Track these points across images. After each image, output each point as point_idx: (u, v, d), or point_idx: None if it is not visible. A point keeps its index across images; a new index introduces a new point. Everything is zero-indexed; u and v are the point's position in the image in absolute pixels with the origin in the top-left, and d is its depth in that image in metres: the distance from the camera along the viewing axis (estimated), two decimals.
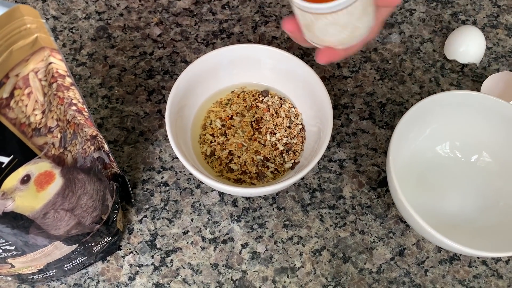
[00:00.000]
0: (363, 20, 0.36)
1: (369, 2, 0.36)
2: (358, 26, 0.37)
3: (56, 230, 0.38)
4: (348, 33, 0.37)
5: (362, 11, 0.35)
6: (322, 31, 0.37)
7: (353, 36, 0.37)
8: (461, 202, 0.51)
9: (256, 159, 0.50)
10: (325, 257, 0.49)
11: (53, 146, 0.33)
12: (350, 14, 0.35)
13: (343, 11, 0.35)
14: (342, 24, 0.36)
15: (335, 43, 0.38)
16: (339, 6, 0.34)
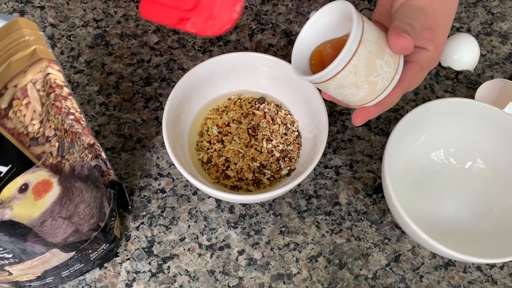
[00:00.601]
0: (377, 74, 0.35)
1: (375, 55, 0.35)
2: (374, 81, 0.36)
3: (54, 238, 0.38)
4: (367, 91, 0.36)
5: (368, 67, 0.35)
6: (340, 94, 0.37)
7: (374, 91, 0.37)
8: (455, 208, 0.51)
9: (253, 166, 0.51)
10: (321, 264, 0.49)
11: (51, 155, 0.34)
12: (354, 74, 0.35)
13: (341, 74, 0.34)
14: (352, 84, 0.35)
15: (361, 102, 0.38)
16: (327, 75, 0.35)
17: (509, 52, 0.64)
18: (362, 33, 0.34)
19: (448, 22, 0.39)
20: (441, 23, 0.38)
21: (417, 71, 0.38)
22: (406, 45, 0.34)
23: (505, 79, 0.58)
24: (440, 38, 0.39)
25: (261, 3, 0.65)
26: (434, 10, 0.38)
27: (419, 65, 0.38)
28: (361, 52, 0.34)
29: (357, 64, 0.34)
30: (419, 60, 0.38)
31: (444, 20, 0.39)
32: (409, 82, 0.38)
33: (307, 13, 0.65)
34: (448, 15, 0.39)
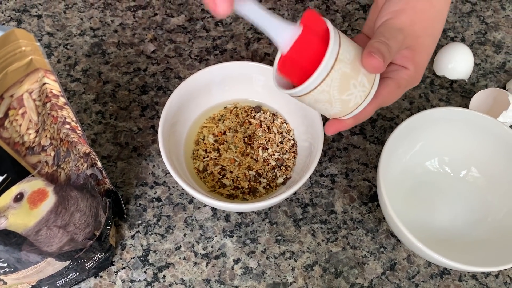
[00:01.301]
0: (350, 92, 0.36)
1: (349, 76, 0.35)
2: (347, 99, 0.36)
3: (49, 247, 0.38)
4: (340, 107, 0.37)
5: (341, 86, 0.35)
6: (315, 107, 0.38)
7: (347, 108, 0.37)
8: (450, 217, 0.51)
9: (249, 175, 0.51)
10: (317, 272, 0.49)
11: (47, 164, 0.34)
12: (327, 93, 0.35)
13: (314, 92, 0.35)
14: (326, 101, 0.36)
15: (334, 116, 0.39)
16: (301, 92, 0.35)
17: (503, 62, 0.64)
18: (337, 53, 0.34)
19: (430, 43, 0.39)
20: (422, 44, 0.39)
21: (393, 88, 0.38)
22: (376, 65, 0.34)
23: (499, 88, 0.58)
24: (421, 58, 0.39)
25: None
26: (415, 30, 0.38)
27: (397, 83, 0.38)
28: (334, 73, 0.34)
29: (330, 84, 0.35)
30: (398, 78, 0.38)
31: (426, 41, 0.39)
32: (385, 98, 0.38)
33: None
34: (431, 36, 0.39)
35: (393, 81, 0.38)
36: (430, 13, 0.38)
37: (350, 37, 0.37)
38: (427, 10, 0.38)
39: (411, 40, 0.38)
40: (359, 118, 0.39)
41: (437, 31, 0.40)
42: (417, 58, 0.38)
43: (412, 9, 0.38)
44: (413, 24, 0.38)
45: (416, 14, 0.38)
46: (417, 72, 0.39)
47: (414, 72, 0.39)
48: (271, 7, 0.67)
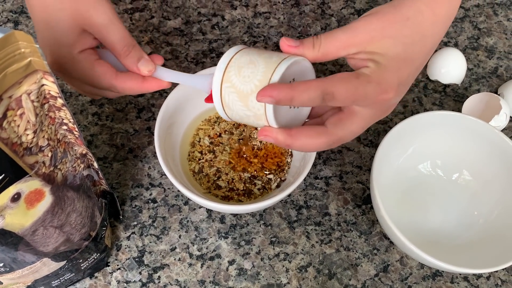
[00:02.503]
0: (254, 67, 0.35)
1: (243, 94, 0.35)
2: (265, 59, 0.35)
3: (45, 247, 0.38)
4: (261, 71, 0.35)
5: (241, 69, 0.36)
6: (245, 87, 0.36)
7: (269, 68, 0.35)
8: (442, 219, 0.52)
9: (244, 177, 0.51)
10: (310, 274, 0.50)
11: (44, 165, 0.34)
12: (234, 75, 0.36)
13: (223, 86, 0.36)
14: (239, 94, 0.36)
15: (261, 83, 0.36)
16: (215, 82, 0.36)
17: (495, 67, 0.65)
18: (244, 47, 0.37)
19: (391, 44, 0.35)
20: (381, 46, 0.35)
21: (349, 76, 0.34)
22: (286, 44, 0.35)
23: (491, 93, 0.59)
24: (383, 59, 0.35)
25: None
26: (369, 31, 0.35)
27: (355, 73, 0.34)
28: (241, 54, 0.36)
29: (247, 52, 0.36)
30: (357, 71, 0.35)
31: (384, 42, 0.35)
32: (335, 81, 0.33)
33: (299, 26, 0.67)
34: (394, 38, 0.35)
35: (350, 72, 0.35)
36: (393, 16, 0.35)
37: None
38: (389, 14, 0.35)
39: (363, 42, 0.34)
40: (298, 88, 0.33)
41: (402, 35, 0.35)
42: (377, 59, 0.35)
43: (374, 13, 0.35)
44: (367, 24, 0.35)
45: (375, 16, 0.35)
46: (380, 70, 0.34)
47: (375, 68, 0.34)
48: (267, 11, 0.67)
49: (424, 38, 0.36)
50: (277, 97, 0.32)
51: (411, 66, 0.36)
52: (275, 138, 0.35)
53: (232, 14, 0.67)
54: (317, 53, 0.35)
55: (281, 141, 0.35)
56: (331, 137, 0.36)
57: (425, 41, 0.36)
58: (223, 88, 0.36)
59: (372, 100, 0.35)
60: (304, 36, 0.66)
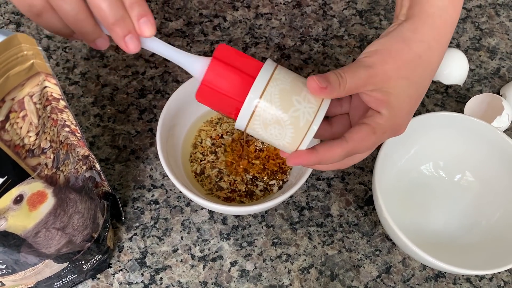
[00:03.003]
0: (296, 108, 0.34)
1: (289, 92, 0.34)
2: (295, 116, 0.34)
3: (47, 249, 0.38)
4: (292, 128, 0.35)
5: (283, 100, 0.34)
6: (269, 136, 0.36)
7: (299, 128, 0.35)
8: (445, 220, 0.52)
9: (246, 178, 0.51)
10: (313, 275, 0.50)
11: (46, 167, 0.34)
12: (269, 109, 0.34)
13: (258, 110, 0.34)
14: (274, 121, 0.35)
15: (292, 144, 0.36)
16: (245, 114, 0.34)
17: (497, 67, 0.65)
18: (273, 71, 0.34)
19: (405, 87, 0.36)
20: (395, 86, 0.35)
21: (367, 133, 0.35)
22: (314, 86, 0.33)
23: (493, 94, 0.59)
24: (398, 102, 0.36)
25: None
26: (386, 71, 0.35)
27: (371, 128, 0.35)
28: (272, 87, 0.34)
29: (270, 99, 0.34)
30: (372, 123, 0.35)
31: (399, 83, 0.35)
32: (356, 143, 0.35)
33: (300, 27, 0.67)
34: (406, 79, 0.36)
35: (367, 126, 0.35)
36: (407, 55, 0.35)
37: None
38: (403, 52, 0.35)
39: (381, 81, 0.35)
40: (324, 156, 0.35)
41: (415, 75, 0.36)
42: (392, 101, 0.35)
43: (386, 50, 0.35)
44: (384, 64, 0.35)
45: (389, 54, 0.35)
46: (394, 116, 0.36)
47: (389, 117, 0.35)
48: (268, 12, 0.67)
49: (432, 71, 0.38)
50: (307, 163, 0.36)
51: (419, 100, 0.38)
52: (308, 161, 0.36)
53: (233, 15, 0.67)
54: (342, 92, 0.34)
55: (312, 162, 0.36)
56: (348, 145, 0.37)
57: (431, 74, 0.38)
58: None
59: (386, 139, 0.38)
60: (306, 37, 0.66)
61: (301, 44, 0.65)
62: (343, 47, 0.65)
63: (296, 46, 0.65)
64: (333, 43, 0.65)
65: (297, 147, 0.36)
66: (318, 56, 0.64)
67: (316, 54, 0.64)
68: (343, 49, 0.65)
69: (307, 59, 0.64)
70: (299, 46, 0.65)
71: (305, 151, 0.35)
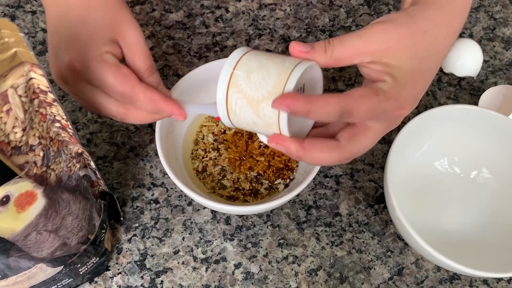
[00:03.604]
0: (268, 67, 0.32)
1: (254, 101, 0.32)
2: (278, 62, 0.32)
3: (39, 252, 0.36)
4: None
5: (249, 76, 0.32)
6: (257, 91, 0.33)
7: (284, 69, 0.32)
8: (460, 219, 0.49)
9: (250, 175, 0.49)
10: (321, 277, 0.47)
11: (35, 165, 0.32)
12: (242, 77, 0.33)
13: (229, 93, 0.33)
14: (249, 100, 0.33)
15: (277, 85, 0.33)
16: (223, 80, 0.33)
17: None
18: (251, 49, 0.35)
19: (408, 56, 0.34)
20: (396, 57, 0.33)
21: (368, 92, 0.32)
22: (297, 49, 0.32)
23: (509, 85, 0.56)
24: (399, 72, 0.33)
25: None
26: (385, 40, 0.33)
27: (373, 90, 0.33)
28: (254, 52, 0.34)
29: (253, 56, 0.33)
30: (374, 87, 0.33)
31: (401, 53, 0.33)
32: (355, 99, 0.31)
33: (306, 18, 0.64)
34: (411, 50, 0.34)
35: (368, 88, 0.33)
36: (410, 28, 0.34)
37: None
38: (407, 25, 0.34)
39: (379, 51, 0.33)
40: (316, 104, 0.30)
41: (419, 48, 0.34)
42: (394, 72, 0.33)
43: (389, 21, 0.34)
44: (384, 33, 0.33)
45: (392, 25, 0.33)
46: (398, 86, 0.33)
47: (393, 85, 0.33)
48: (272, 3, 0.65)
49: (438, 52, 0.36)
50: (294, 108, 0.30)
51: (425, 80, 0.36)
52: (287, 148, 0.33)
53: (236, 6, 0.64)
54: (329, 59, 0.33)
55: (293, 152, 0.33)
56: (344, 152, 0.34)
57: (438, 55, 0.36)
58: (230, 94, 0.33)
59: (389, 116, 0.35)
60: (312, 28, 0.63)
61: (307, 36, 0.62)
62: None
63: (302, 37, 0.62)
64: (340, 34, 0.63)
65: (283, 87, 0.31)
66: None
67: None
68: None
69: None
70: (304, 37, 0.62)
71: (294, 92, 0.31)
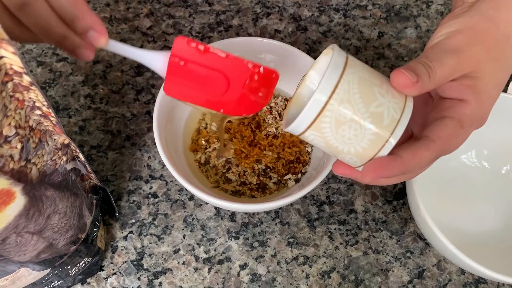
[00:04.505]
0: (379, 102, 0.28)
1: (369, 82, 0.29)
2: (378, 112, 0.28)
3: (21, 256, 0.32)
4: (373, 128, 0.29)
5: (363, 93, 0.28)
6: (342, 142, 0.30)
7: (382, 127, 0.29)
8: (488, 219, 0.46)
9: (257, 168, 0.45)
10: (334, 280, 0.43)
11: (12, 159, 0.27)
12: (347, 102, 0.28)
13: (330, 104, 0.28)
14: (350, 119, 0.28)
15: (372, 149, 0.30)
16: (313, 109, 0.28)
17: None
18: (346, 56, 0.29)
19: (496, 70, 0.31)
20: (485, 70, 0.31)
21: (454, 129, 0.30)
22: (403, 82, 0.28)
23: None
24: (485, 87, 0.31)
25: None
26: (474, 52, 0.31)
27: (458, 121, 0.30)
28: (349, 75, 0.28)
29: (348, 89, 0.28)
30: (457, 115, 0.30)
31: (490, 66, 0.31)
32: (445, 142, 0.30)
33: None
34: (497, 61, 0.31)
35: (452, 120, 0.30)
36: (495, 35, 0.31)
37: None
38: (490, 32, 0.31)
39: (469, 65, 0.30)
40: (411, 163, 0.29)
41: (505, 58, 0.32)
42: (480, 87, 0.31)
43: (471, 29, 0.31)
44: (472, 45, 0.31)
45: (475, 34, 0.31)
46: (481, 105, 0.31)
47: (476, 105, 0.30)
48: None
49: None
50: (388, 175, 0.29)
51: (503, 87, 0.33)
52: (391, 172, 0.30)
53: None
54: (432, 85, 0.30)
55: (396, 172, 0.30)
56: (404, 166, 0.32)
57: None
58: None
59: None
60: (325, 7, 0.58)
61: (319, 15, 0.58)
62: (367, 18, 0.58)
63: (314, 17, 0.57)
64: (355, 14, 0.58)
65: (376, 153, 0.29)
66: (338, 29, 0.57)
67: (336, 26, 0.57)
68: (367, 21, 0.58)
69: (326, 32, 0.56)
70: (317, 17, 0.57)
71: (388, 158, 0.29)
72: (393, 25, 0.58)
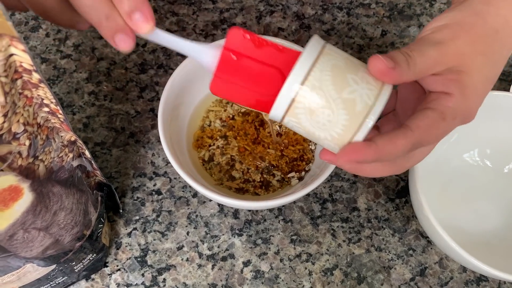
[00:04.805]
0: (352, 89, 0.28)
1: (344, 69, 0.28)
2: (351, 98, 0.28)
3: (28, 252, 0.33)
4: (345, 114, 0.29)
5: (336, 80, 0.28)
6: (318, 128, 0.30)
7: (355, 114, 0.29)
8: (490, 217, 0.46)
9: (261, 166, 0.45)
10: (337, 277, 0.44)
11: (20, 156, 0.28)
12: (319, 89, 0.28)
13: (303, 90, 0.28)
14: (322, 105, 0.28)
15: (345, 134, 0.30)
16: (286, 96, 0.28)
17: None
18: (323, 44, 0.29)
19: (482, 64, 0.31)
20: (471, 64, 0.30)
21: (435, 119, 0.29)
22: (380, 67, 0.28)
23: None
24: (471, 81, 0.30)
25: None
26: (459, 46, 0.30)
27: (440, 113, 0.29)
28: (322, 63, 0.28)
29: (319, 77, 0.28)
30: (440, 107, 0.30)
31: (476, 60, 0.30)
32: (424, 132, 0.29)
33: None
34: (483, 55, 0.31)
35: (434, 111, 0.30)
36: (481, 29, 0.31)
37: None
38: (477, 26, 0.31)
39: (452, 58, 0.30)
40: (385, 150, 0.29)
41: (492, 52, 0.31)
42: (465, 80, 0.30)
43: (457, 24, 0.31)
44: (456, 39, 0.30)
45: (461, 28, 0.31)
46: (466, 98, 0.30)
47: (461, 99, 0.30)
48: None
49: (509, 51, 0.33)
50: (363, 160, 0.29)
51: (494, 82, 0.33)
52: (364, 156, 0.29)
53: None
54: (411, 75, 0.29)
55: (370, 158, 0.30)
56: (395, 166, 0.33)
57: (508, 53, 0.33)
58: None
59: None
60: (328, 5, 0.58)
61: (323, 13, 0.58)
62: (371, 17, 0.58)
63: (317, 15, 0.58)
64: (359, 12, 0.58)
65: (350, 138, 0.29)
66: (342, 27, 0.57)
67: (340, 24, 0.57)
68: (371, 19, 0.58)
69: (329, 30, 0.56)
70: (320, 15, 0.58)
71: (362, 143, 0.28)
72: (396, 23, 0.58)
